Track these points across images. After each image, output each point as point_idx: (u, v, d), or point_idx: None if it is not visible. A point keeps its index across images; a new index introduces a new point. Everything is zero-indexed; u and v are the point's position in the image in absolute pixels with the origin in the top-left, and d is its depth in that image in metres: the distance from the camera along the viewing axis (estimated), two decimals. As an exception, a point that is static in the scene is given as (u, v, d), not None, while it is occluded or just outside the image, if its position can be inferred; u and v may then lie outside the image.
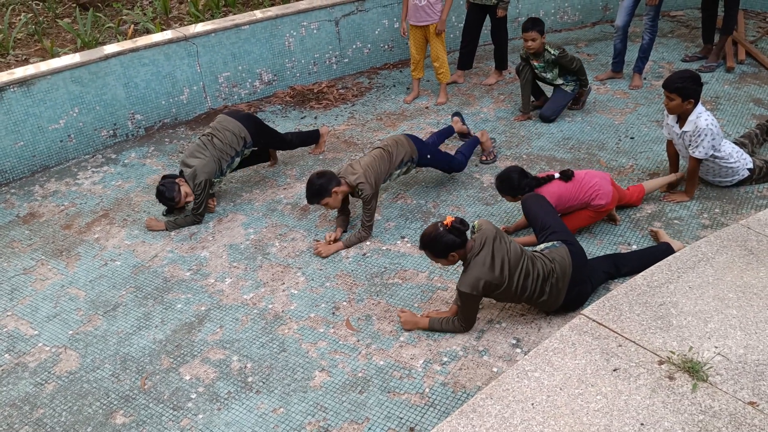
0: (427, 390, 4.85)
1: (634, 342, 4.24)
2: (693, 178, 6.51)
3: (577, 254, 5.28)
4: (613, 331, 4.33)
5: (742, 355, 4.10)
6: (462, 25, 9.57)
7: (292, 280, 6.05)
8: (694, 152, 6.33)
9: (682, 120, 6.38)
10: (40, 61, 8.59)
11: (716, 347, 4.17)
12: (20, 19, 10.25)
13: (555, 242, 5.35)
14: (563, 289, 5.16)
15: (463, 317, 5.18)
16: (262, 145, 7.40)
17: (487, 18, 9.19)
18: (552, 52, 7.91)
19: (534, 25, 7.83)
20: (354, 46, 9.91)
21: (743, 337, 4.22)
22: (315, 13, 9.37)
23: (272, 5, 10.26)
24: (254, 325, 5.59)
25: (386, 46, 10.15)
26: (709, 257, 4.91)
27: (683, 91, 6.18)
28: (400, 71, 10.05)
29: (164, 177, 6.87)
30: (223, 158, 6.93)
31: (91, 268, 6.39)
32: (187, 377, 5.14)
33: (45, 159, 8.00)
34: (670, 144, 6.71)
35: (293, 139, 7.67)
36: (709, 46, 9.59)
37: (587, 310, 4.52)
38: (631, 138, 7.78)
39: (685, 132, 6.34)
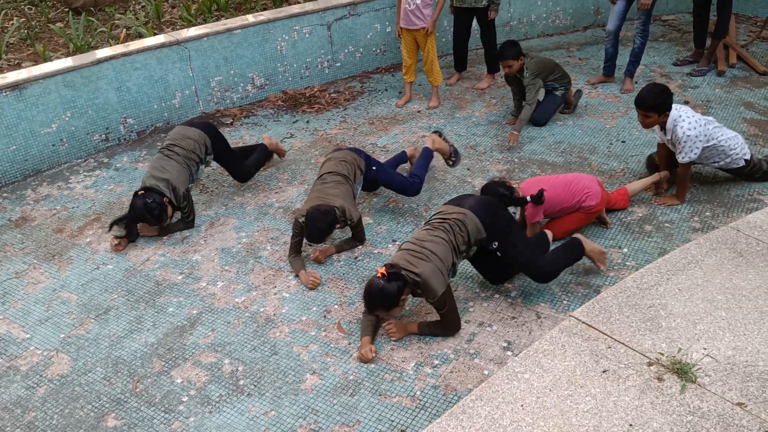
0: (418, 393, 4.86)
1: (623, 344, 4.25)
2: (684, 182, 6.55)
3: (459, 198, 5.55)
4: (603, 332, 4.35)
5: (730, 357, 4.12)
6: (453, 29, 9.63)
7: (284, 284, 6.05)
8: (679, 158, 6.40)
9: (663, 129, 6.44)
10: (33, 65, 8.60)
11: (705, 349, 4.19)
12: (12, 24, 10.25)
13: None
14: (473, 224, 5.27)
15: (448, 320, 5.23)
16: (218, 153, 7.21)
17: (476, 21, 9.22)
18: (525, 75, 7.93)
19: (508, 53, 7.82)
20: (346, 51, 9.92)
21: (732, 339, 4.24)
22: (307, 17, 9.38)
23: (264, 9, 10.27)
24: (246, 328, 5.59)
25: (378, 51, 10.17)
26: (698, 259, 4.94)
27: (659, 108, 6.27)
28: (393, 75, 10.07)
29: (145, 191, 6.59)
30: (190, 164, 6.86)
31: (83, 272, 6.39)
32: (179, 380, 5.14)
33: (37, 163, 8.00)
34: (660, 147, 6.73)
35: (250, 170, 7.47)
36: (701, 50, 9.62)
37: (577, 312, 4.54)
38: (622, 141, 7.81)
39: (669, 139, 6.42)
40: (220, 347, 5.42)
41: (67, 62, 8.00)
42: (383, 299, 4.96)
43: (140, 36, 9.71)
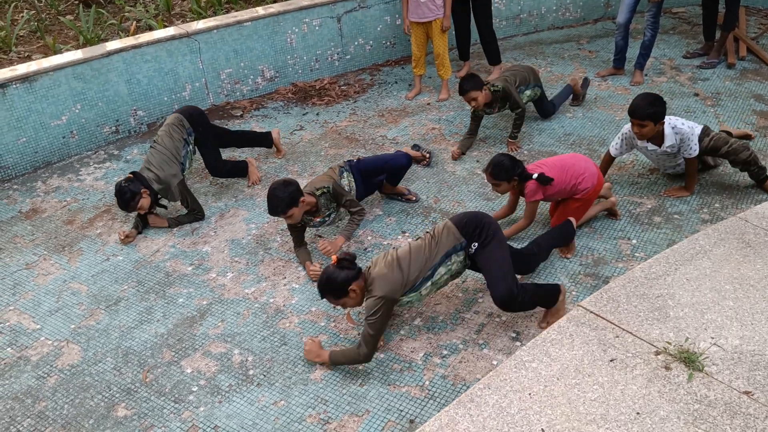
0: (427, 383, 4.88)
1: (631, 333, 4.26)
2: (692, 175, 6.55)
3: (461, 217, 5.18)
4: (611, 322, 4.35)
5: (738, 346, 4.13)
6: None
7: (294, 275, 6.07)
8: (689, 154, 6.35)
9: (656, 139, 6.38)
10: (43, 57, 8.63)
11: (712, 338, 4.19)
12: (23, 16, 10.28)
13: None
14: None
15: (364, 338, 4.90)
16: (202, 132, 7.09)
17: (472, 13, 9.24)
18: (498, 86, 7.53)
19: (467, 85, 7.47)
20: (356, 43, 9.93)
21: (739, 328, 4.24)
22: (317, 9, 9.39)
23: (274, 2, 10.27)
24: (255, 319, 5.62)
25: (388, 43, 10.17)
26: (706, 250, 4.94)
27: (656, 116, 6.15)
28: (402, 68, 10.07)
29: (135, 175, 6.67)
30: (175, 152, 6.78)
31: (93, 263, 6.43)
32: (189, 370, 5.17)
33: (47, 155, 8.04)
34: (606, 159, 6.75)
35: (223, 168, 7.32)
36: (711, 43, 9.60)
37: (585, 302, 4.55)
38: (632, 133, 7.80)
39: (671, 146, 6.34)
40: (229, 337, 5.45)
41: (77, 55, 8.02)
42: (330, 286, 4.86)
43: (150, 28, 9.73)
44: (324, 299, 5.02)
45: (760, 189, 6.59)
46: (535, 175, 5.89)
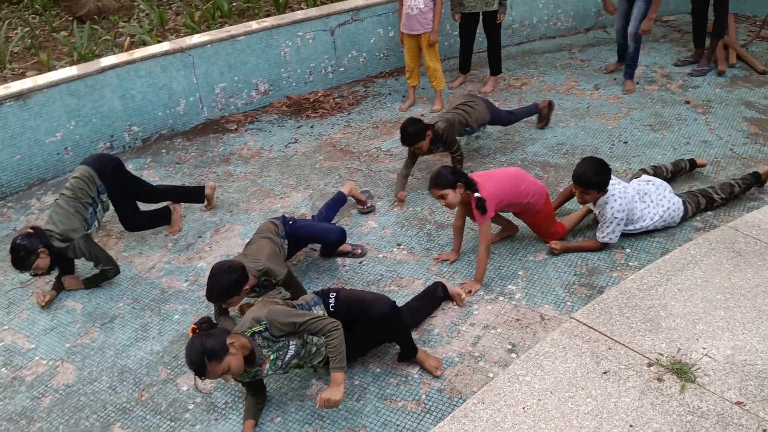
0: (423, 397, 4.88)
1: (623, 344, 4.28)
2: (576, 248, 6.26)
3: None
4: (603, 334, 4.37)
5: (729, 356, 4.15)
6: (456, 32, 9.67)
7: (288, 289, 6.08)
8: (599, 235, 6.12)
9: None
10: (37, 74, 8.65)
11: (704, 348, 4.21)
12: (17, 33, 10.32)
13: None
14: None
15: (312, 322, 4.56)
16: (118, 186, 6.54)
17: (480, 24, 9.20)
18: (439, 128, 7.10)
19: (411, 133, 6.94)
20: (350, 55, 9.95)
21: (731, 338, 4.27)
22: (310, 23, 9.41)
23: (268, 16, 10.31)
24: (251, 334, 5.62)
25: (382, 55, 10.19)
26: (697, 259, 4.96)
27: (600, 185, 5.87)
28: (396, 79, 10.09)
29: (35, 231, 5.97)
30: (82, 209, 6.22)
31: (88, 281, 6.43)
32: (185, 388, 5.18)
33: (42, 172, 8.05)
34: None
35: (137, 225, 6.89)
36: (701, 50, 9.63)
37: (578, 314, 4.57)
38: (625, 142, 7.81)
39: (598, 213, 6.12)
40: (225, 354, 5.45)
41: (71, 71, 8.05)
42: (201, 359, 4.24)
43: (144, 44, 9.77)
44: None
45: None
46: (477, 195, 5.62)
